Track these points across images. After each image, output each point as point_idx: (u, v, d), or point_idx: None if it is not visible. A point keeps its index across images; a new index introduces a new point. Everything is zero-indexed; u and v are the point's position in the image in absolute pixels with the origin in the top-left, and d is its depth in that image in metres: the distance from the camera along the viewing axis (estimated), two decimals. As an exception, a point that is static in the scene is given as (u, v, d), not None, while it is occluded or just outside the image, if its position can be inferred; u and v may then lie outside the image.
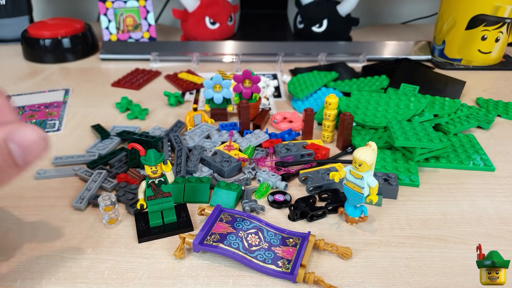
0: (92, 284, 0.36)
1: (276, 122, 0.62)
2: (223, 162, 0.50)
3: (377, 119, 0.57)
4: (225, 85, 0.60)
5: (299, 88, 0.68)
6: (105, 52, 0.88)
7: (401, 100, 0.59)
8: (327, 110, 0.55)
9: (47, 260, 0.39)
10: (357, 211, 0.42)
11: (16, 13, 0.96)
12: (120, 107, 0.66)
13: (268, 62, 0.86)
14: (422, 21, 1.15)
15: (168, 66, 0.85)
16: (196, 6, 0.92)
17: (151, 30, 0.93)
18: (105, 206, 0.42)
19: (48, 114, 0.67)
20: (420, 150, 0.50)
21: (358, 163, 0.38)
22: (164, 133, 0.58)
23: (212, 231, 0.39)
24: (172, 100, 0.68)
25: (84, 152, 0.55)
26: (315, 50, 0.86)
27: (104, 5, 0.90)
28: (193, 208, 0.45)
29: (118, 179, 0.49)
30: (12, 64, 0.87)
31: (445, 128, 0.57)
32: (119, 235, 0.42)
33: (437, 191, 0.48)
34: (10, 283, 0.36)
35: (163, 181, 0.40)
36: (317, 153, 0.53)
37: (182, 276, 0.37)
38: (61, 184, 0.50)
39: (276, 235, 0.40)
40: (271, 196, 0.46)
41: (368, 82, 0.69)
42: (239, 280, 0.37)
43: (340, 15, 0.92)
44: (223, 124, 0.59)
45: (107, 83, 0.77)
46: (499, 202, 0.46)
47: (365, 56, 0.85)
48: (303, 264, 0.36)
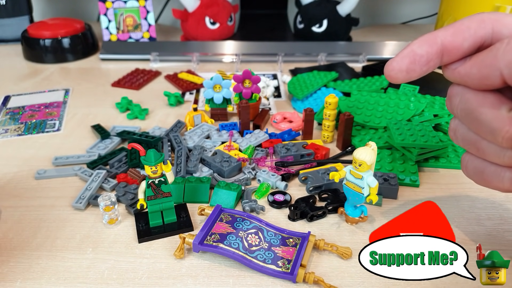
0: (92, 284, 0.36)
1: (276, 122, 0.62)
2: (223, 162, 0.50)
3: (377, 119, 0.57)
4: (225, 85, 0.60)
5: (299, 88, 0.68)
6: (105, 52, 0.88)
7: (401, 100, 0.59)
8: (327, 110, 0.55)
9: (47, 260, 0.39)
10: (357, 211, 0.42)
11: (16, 13, 0.96)
12: (120, 107, 0.66)
13: (268, 62, 0.86)
14: (422, 21, 1.15)
15: (168, 66, 0.85)
16: (196, 6, 0.92)
17: (151, 30, 0.93)
18: (105, 206, 0.42)
19: (48, 114, 0.67)
20: (420, 150, 0.50)
21: (358, 163, 0.38)
22: (164, 133, 0.58)
23: (212, 231, 0.39)
24: (172, 100, 0.68)
25: (84, 152, 0.55)
26: (315, 50, 0.86)
27: (104, 5, 0.90)
28: (193, 208, 0.45)
29: (118, 179, 0.49)
30: (12, 64, 0.88)
31: (445, 128, 0.57)
32: (119, 235, 0.42)
33: (437, 191, 0.48)
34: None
35: (163, 181, 0.40)
36: (317, 153, 0.53)
37: (182, 276, 0.37)
38: (61, 184, 0.50)
39: (276, 235, 0.40)
40: (271, 196, 0.46)
41: (368, 82, 0.69)
42: (239, 280, 0.37)
43: (340, 15, 0.92)
44: (223, 124, 0.59)
45: (107, 83, 0.77)
46: (499, 202, 0.46)
47: (365, 56, 0.85)
48: (303, 264, 0.36)
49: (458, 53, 0.30)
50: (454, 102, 0.32)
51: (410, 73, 0.31)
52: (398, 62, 0.31)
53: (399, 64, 0.31)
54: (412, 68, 0.31)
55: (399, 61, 0.31)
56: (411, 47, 0.31)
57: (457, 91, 0.32)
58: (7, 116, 0.66)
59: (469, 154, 0.34)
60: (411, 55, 0.30)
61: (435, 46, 0.30)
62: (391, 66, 0.31)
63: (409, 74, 0.31)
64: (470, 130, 0.32)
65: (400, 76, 0.31)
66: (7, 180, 0.50)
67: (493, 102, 0.29)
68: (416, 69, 0.31)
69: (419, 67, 0.31)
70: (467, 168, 0.34)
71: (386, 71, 0.31)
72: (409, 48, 0.31)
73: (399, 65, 0.31)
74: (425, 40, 0.30)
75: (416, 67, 0.31)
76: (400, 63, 0.31)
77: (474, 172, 0.34)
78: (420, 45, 0.30)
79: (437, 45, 0.30)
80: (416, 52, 0.30)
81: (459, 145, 0.34)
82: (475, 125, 0.31)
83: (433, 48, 0.30)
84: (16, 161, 0.54)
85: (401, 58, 0.31)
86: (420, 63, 0.30)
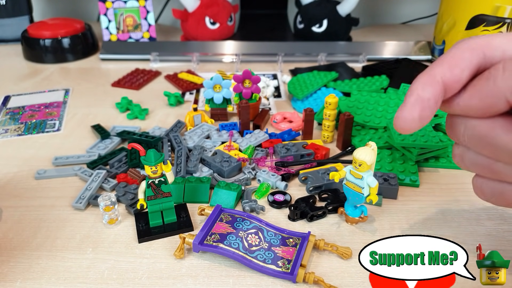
0: (92, 284, 0.36)
1: (276, 122, 0.62)
2: (223, 162, 0.50)
3: (377, 119, 0.57)
4: (225, 85, 0.60)
5: (299, 88, 0.68)
6: (105, 52, 0.88)
7: (401, 100, 0.59)
8: (327, 110, 0.55)
9: (47, 260, 0.39)
10: (357, 211, 0.42)
11: (16, 13, 0.96)
12: (120, 107, 0.66)
13: (268, 62, 0.86)
14: (422, 21, 1.15)
15: (168, 66, 0.85)
16: (196, 6, 0.92)
17: (151, 30, 0.93)
18: (105, 206, 0.42)
19: (48, 114, 0.67)
20: (420, 150, 0.50)
21: (358, 163, 0.38)
22: (164, 133, 0.58)
23: (212, 231, 0.39)
24: (172, 100, 0.68)
25: (84, 152, 0.55)
26: (315, 50, 0.86)
27: (104, 5, 0.90)
28: (193, 208, 0.45)
29: (118, 179, 0.49)
30: (12, 64, 0.87)
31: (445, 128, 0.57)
32: (119, 235, 0.42)
33: (437, 191, 0.48)
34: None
35: (163, 181, 0.40)
36: (317, 153, 0.53)
37: (182, 276, 0.37)
38: (61, 184, 0.50)
39: (276, 235, 0.40)
40: (271, 196, 0.46)
41: (368, 82, 0.69)
42: (239, 280, 0.37)
43: (340, 15, 0.92)
44: (223, 124, 0.59)
45: (107, 83, 0.77)
46: (499, 202, 0.46)
47: (365, 56, 0.85)
48: (303, 264, 0.36)
49: (458, 86, 0.29)
50: (458, 131, 0.31)
51: (423, 120, 0.29)
52: (409, 112, 0.29)
53: (411, 114, 0.29)
54: (424, 114, 0.29)
55: (410, 111, 0.29)
56: (416, 92, 0.29)
57: (459, 119, 0.30)
58: (7, 116, 0.66)
59: (481, 177, 0.33)
60: (419, 101, 0.29)
61: (437, 86, 0.29)
62: (403, 118, 0.29)
63: (422, 121, 0.29)
64: (479, 155, 0.31)
65: (414, 125, 0.29)
66: (7, 180, 0.50)
67: (504, 125, 0.28)
68: (427, 115, 0.29)
69: (429, 111, 0.29)
70: (484, 192, 0.33)
71: (399, 124, 0.30)
72: (414, 94, 0.29)
73: (411, 114, 0.29)
74: (425, 82, 0.29)
75: (427, 112, 0.29)
76: (412, 112, 0.29)
77: (492, 194, 0.32)
78: (423, 88, 0.29)
79: (439, 83, 0.29)
80: (423, 97, 0.29)
81: (468, 170, 0.33)
82: (489, 150, 0.29)
83: (436, 88, 0.29)
84: (16, 161, 0.54)
85: (410, 107, 0.29)
86: (430, 107, 0.29)
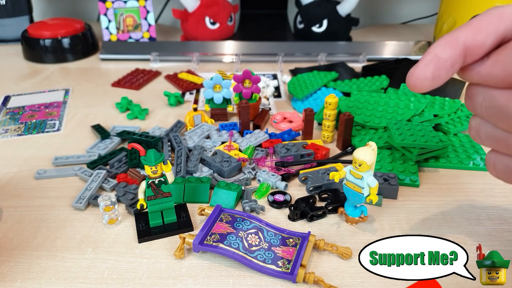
0: (92, 284, 0.36)
1: (276, 122, 0.62)
2: (223, 162, 0.50)
3: (377, 119, 0.57)
4: (225, 85, 0.60)
5: (299, 88, 0.68)
6: (105, 52, 0.88)
7: (401, 100, 0.59)
8: (327, 110, 0.55)
9: (47, 260, 0.39)
10: (357, 211, 0.42)
11: (16, 13, 0.96)
12: (120, 107, 0.66)
13: (268, 62, 0.86)
14: (422, 21, 1.15)
15: (168, 66, 0.85)
16: (196, 6, 0.92)
17: (151, 30, 0.93)
18: (105, 206, 0.42)
19: (48, 114, 0.67)
20: (420, 150, 0.50)
21: (358, 163, 0.38)
22: (164, 133, 0.58)
23: (212, 231, 0.39)
24: (172, 100, 0.68)
25: (84, 152, 0.55)
26: (315, 50, 0.86)
27: (104, 5, 0.90)
28: (193, 208, 0.45)
29: (118, 179, 0.49)
30: (12, 64, 0.88)
31: (445, 128, 0.57)
32: (119, 235, 0.42)
33: (437, 191, 0.48)
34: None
35: (163, 181, 0.40)
36: (317, 153, 0.53)
37: (182, 276, 0.37)
38: (61, 184, 0.50)
39: (276, 235, 0.40)
40: (271, 196, 0.46)
41: (368, 82, 0.69)
42: (239, 280, 0.37)
43: (340, 15, 0.92)
44: (223, 124, 0.59)
45: (107, 83, 0.77)
46: (499, 202, 0.46)
47: (365, 56, 0.85)
48: (303, 264, 0.36)
49: (481, 52, 0.28)
50: (476, 101, 0.30)
51: (436, 80, 0.29)
52: (422, 70, 0.28)
53: (424, 72, 0.28)
54: (438, 74, 0.28)
55: (423, 68, 0.28)
56: (434, 51, 0.28)
57: (479, 89, 0.30)
58: (7, 116, 0.66)
59: (496, 152, 0.32)
60: (435, 60, 0.28)
61: (458, 48, 0.28)
62: (415, 75, 0.29)
63: (435, 81, 0.29)
64: (496, 128, 0.30)
65: (426, 84, 0.29)
66: (7, 180, 0.50)
67: None
68: (441, 75, 0.28)
69: (444, 72, 0.28)
70: (496, 168, 0.32)
71: (411, 80, 0.29)
72: (431, 53, 0.29)
73: (424, 72, 0.28)
74: (447, 43, 0.28)
75: (442, 73, 0.28)
76: (425, 70, 0.28)
77: (504, 171, 0.31)
78: (443, 49, 0.28)
79: (460, 46, 0.28)
80: (440, 56, 0.28)
81: (483, 144, 0.32)
82: (506, 122, 0.29)
83: (456, 50, 0.28)
84: (16, 161, 0.54)
85: (424, 65, 0.28)
86: (445, 68, 0.28)
